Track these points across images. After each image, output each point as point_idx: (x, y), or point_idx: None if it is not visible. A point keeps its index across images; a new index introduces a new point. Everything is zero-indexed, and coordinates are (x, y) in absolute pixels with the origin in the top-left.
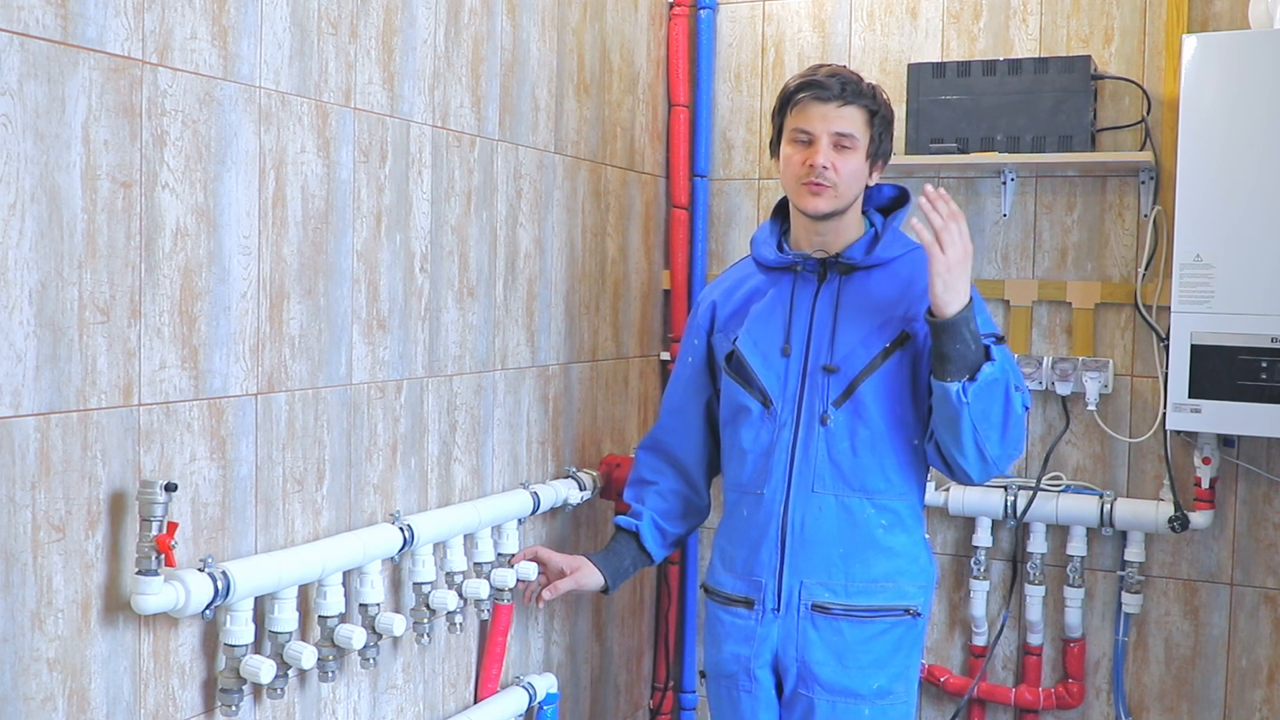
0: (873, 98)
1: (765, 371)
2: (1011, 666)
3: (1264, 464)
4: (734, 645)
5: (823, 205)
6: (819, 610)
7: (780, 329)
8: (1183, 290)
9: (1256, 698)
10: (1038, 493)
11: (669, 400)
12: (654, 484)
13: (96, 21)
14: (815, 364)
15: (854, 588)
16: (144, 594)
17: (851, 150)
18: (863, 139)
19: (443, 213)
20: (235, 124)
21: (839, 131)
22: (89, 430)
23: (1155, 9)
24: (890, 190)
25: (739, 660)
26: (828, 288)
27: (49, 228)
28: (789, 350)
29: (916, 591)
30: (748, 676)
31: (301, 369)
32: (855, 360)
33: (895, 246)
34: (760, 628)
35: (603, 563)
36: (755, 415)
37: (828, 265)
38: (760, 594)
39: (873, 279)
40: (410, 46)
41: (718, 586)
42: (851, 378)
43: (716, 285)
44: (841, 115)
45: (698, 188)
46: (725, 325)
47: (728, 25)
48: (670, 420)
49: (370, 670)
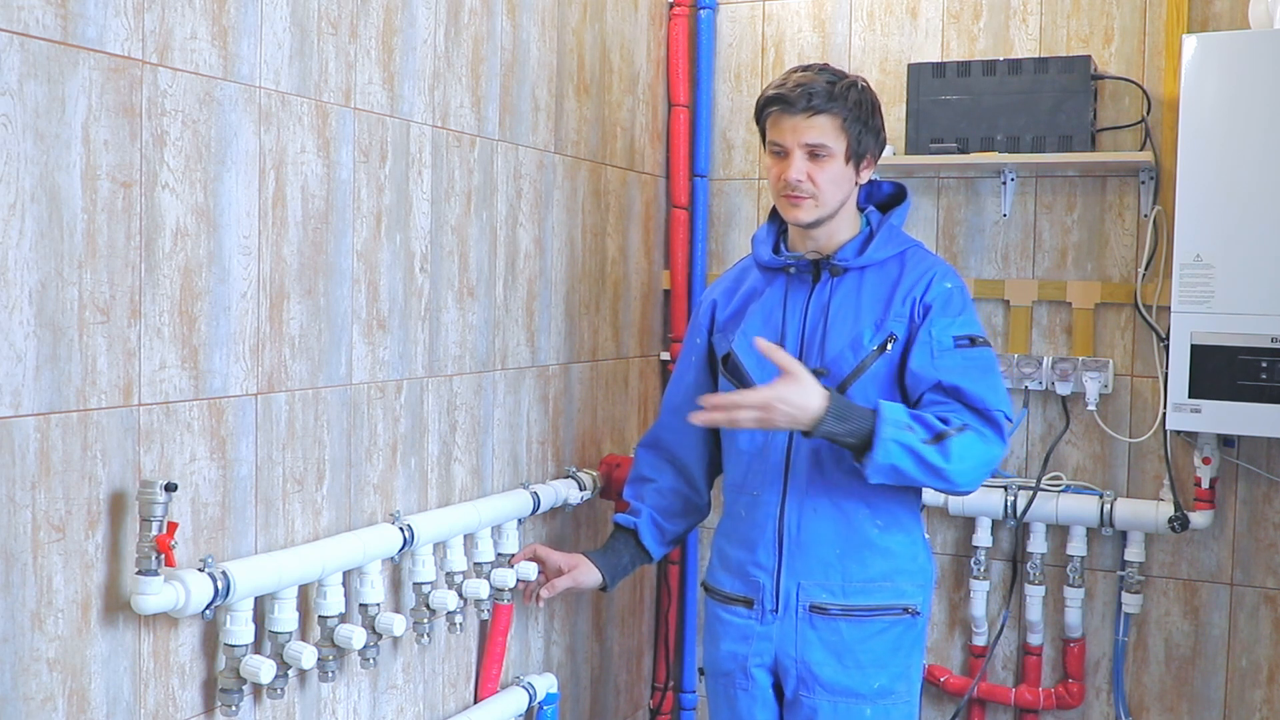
0: (844, 100)
1: (760, 373)
2: (1011, 666)
3: (1264, 464)
4: (731, 643)
5: (804, 216)
6: (817, 611)
7: (774, 331)
8: (1183, 290)
9: (1256, 698)
10: (1038, 493)
11: (670, 398)
12: (653, 481)
13: (96, 21)
14: (807, 366)
15: (851, 588)
16: (144, 594)
17: (827, 158)
18: (837, 146)
19: (443, 213)
20: (235, 124)
21: (809, 143)
22: (89, 430)
23: (1155, 9)
24: (889, 187)
25: (736, 658)
26: (820, 289)
27: (49, 228)
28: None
29: (915, 590)
30: (744, 675)
31: (301, 369)
32: (844, 363)
33: (887, 247)
34: (760, 627)
35: (601, 561)
36: None
37: (820, 266)
38: (759, 594)
39: (865, 279)
40: (410, 46)
41: (717, 585)
42: (840, 380)
43: (718, 285)
44: (811, 126)
45: (698, 188)
46: (724, 325)
47: (728, 25)
48: (671, 419)
49: (370, 670)
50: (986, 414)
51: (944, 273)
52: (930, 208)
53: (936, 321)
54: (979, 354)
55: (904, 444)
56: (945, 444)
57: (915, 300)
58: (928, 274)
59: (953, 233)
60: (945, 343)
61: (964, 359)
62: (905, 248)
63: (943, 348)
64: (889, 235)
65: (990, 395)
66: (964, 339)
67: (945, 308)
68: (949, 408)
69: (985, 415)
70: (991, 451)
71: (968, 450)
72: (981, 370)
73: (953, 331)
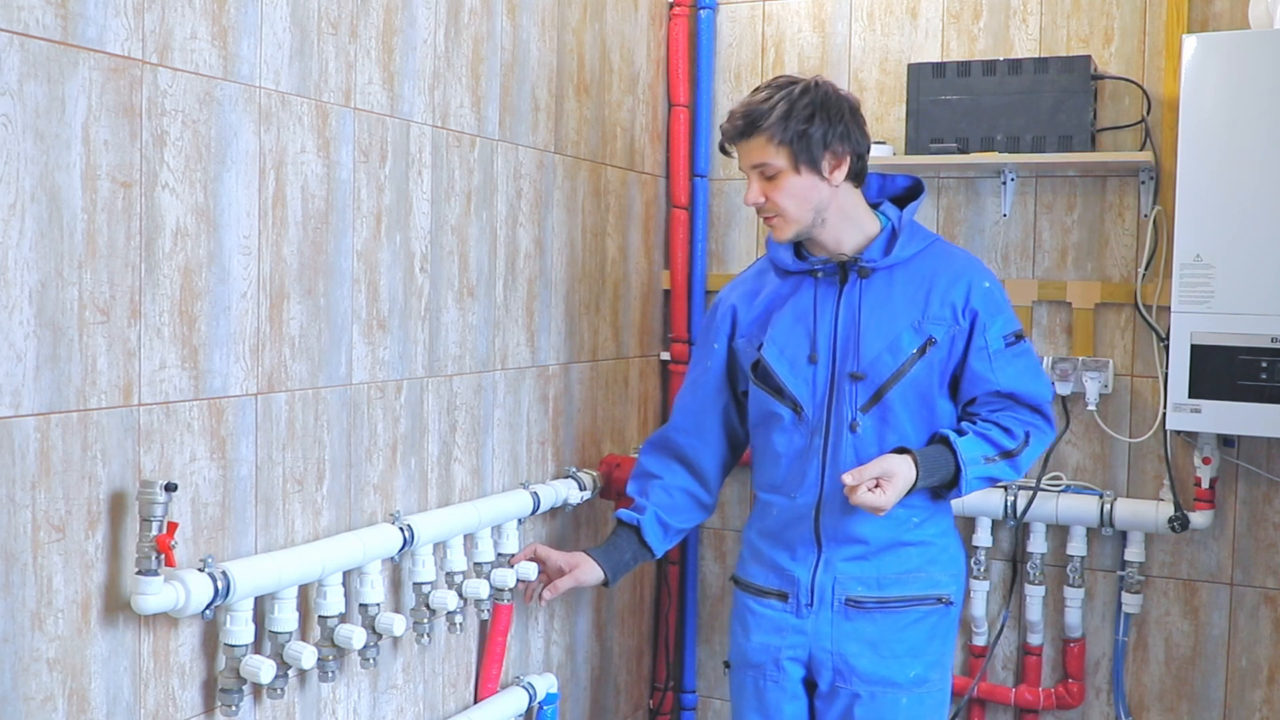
0: (769, 115)
1: (794, 379)
2: (1011, 666)
3: (1264, 464)
4: (764, 635)
5: (782, 234)
6: (852, 604)
7: (805, 336)
8: (1183, 290)
9: (1256, 698)
10: (1038, 493)
11: (682, 400)
12: (659, 479)
13: (96, 21)
14: (842, 370)
15: (887, 580)
16: (144, 594)
17: (778, 175)
18: (778, 161)
19: (443, 213)
20: (235, 124)
21: (754, 165)
22: (89, 430)
23: (1155, 9)
24: (904, 180)
25: (768, 650)
26: (849, 291)
27: (49, 228)
28: (816, 358)
29: (948, 580)
30: (776, 667)
31: (301, 369)
32: (882, 367)
33: (914, 243)
34: (795, 620)
35: (602, 557)
36: (787, 421)
37: (847, 268)
38: (794, 588)
39: (895, 279)
40: (410, 46)
41: (749, 578)
42: (879, 384)
43: (734, 288)
44: (750, 149)
45: (698, 188)
46: (748, 331)
47: (728, 25)
48: (683, 420)
49: (370, 670)
50: (1039, 409)
51: (979, 272)
52: (930, 208)
53: (989, 327)
54: (1024, 350)
55: (982, 475)
56: (1016, 460)
57: (957, 307)
58: (964, 275)
59: (953, 233)
60: (998, 346)
61: (1015, 361)
62: (929, 242)
63: (997, 351)
64: (912, 231)
65: (1039, 391)
66: (1011, 336)
67: (991, 310)
68: (1005, 409)
69: (1038, 410)
70: (1048, 440)
71: (1032, 454)
72: (1029, 370)
73: (1002, 332)
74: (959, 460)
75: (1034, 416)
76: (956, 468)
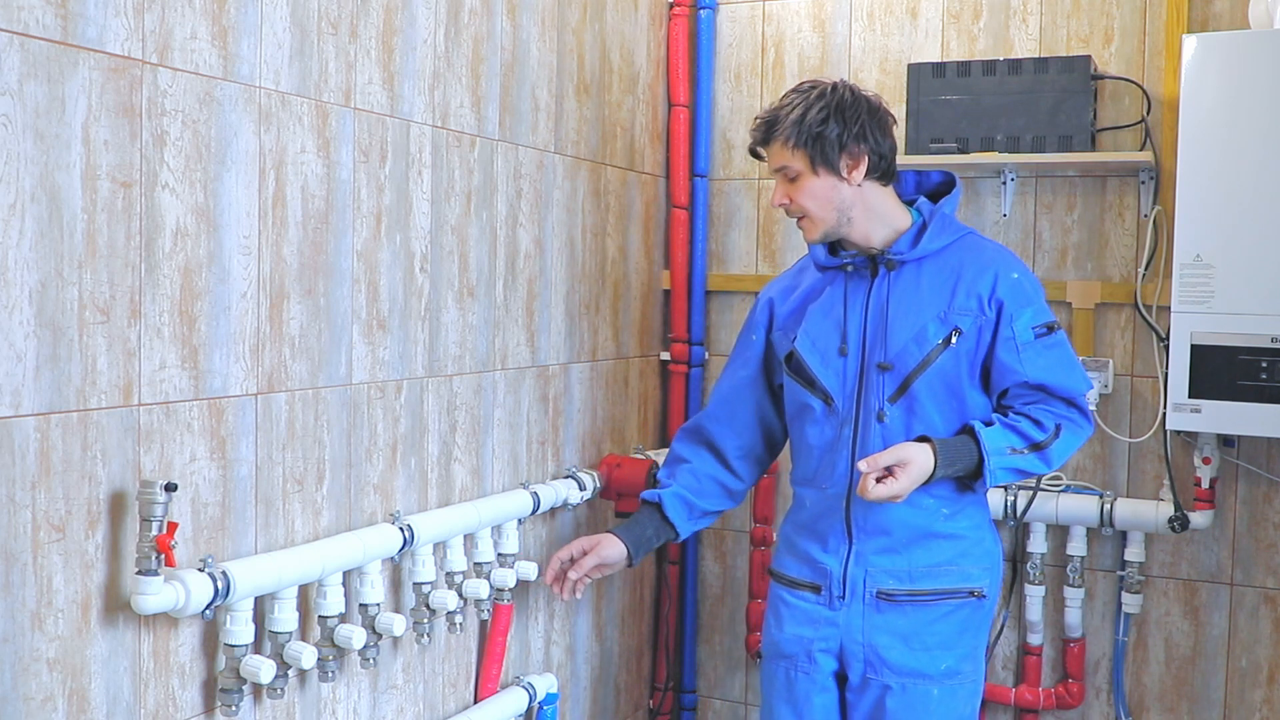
0: (784, 120)
1: (824, 371)
2: (1011, 666)
3: (1264, 464)
4: (797, 627)
5: (811, 235)
6: (884, 597)
7: (836, 328)
8: (1183, 290)
9: (1256, 698)
10: (1038, 493)
11: (719, 390)
12: (688, 463)
13: (96, 21)
14: (871, 362)
15: (918, 573)
16: (144, 594)
17: (799, 178)
18: (797, 164)
19: (443, 213)
20: (235, 124)
21: (777, 168)
22: (89, 430)
23: (1155, 9)
24: (938, 176)
25: (801, 642)
26: (879, 284)
27: (49, 228)
28: (846, 350)
29: (981, 573)
30: (808, 658)
31: (301, 369)
32: (909, 357)
33: (942, 236)
34: (828, 612)
35: (624, 533)
36: (819, 413)
37: (878, 262)
38: (826, 580)
39: (923, 271)
40: (410, 46)
41: (783, 570)
42: (905, 374)
43: (775, 283)
44: (773, 154)
45: (698, 188)
46: (784, 324)
47: (728, 25)
48: (718, 409)
49: (370, 670)
50: (1073, 402)
51: (1008, 263)
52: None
53: (1017, 317)
54: (1056, 341)
55: (1008, 466)
56: (1045, 452)
57: (983, 297)
58: (991, 266)
59: None
60: (1027, 337)
61: (1046, 353)
62: (960, 235)
63: (1026, 343)
64: (942, 225)
65: (1074, 384)
66: (1041, 328)
67: (1019, 300)
68: (1038, 401)
69: (1072, 403)
70: (1083, 434)
71: (1064, 447)
72: (1062, 361)
73: (1031, 323)
74: (982, 450)
75: (1068, 409)
76: (980, 458)
